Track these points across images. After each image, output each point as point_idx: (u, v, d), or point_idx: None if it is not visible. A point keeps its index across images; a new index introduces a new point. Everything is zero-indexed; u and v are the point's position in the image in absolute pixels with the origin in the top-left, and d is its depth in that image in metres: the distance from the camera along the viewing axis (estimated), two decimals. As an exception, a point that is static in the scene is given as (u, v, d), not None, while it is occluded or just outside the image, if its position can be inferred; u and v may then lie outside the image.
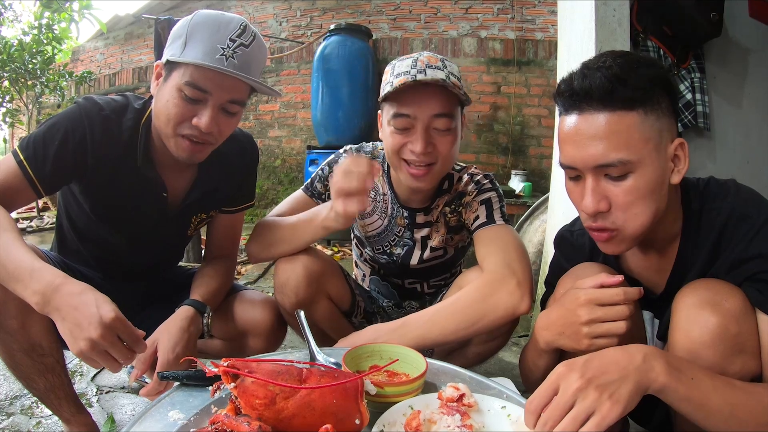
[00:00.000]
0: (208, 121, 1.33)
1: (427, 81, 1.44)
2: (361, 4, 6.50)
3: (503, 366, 2.41)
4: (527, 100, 5.94)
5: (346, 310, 1.76)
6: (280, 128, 6.90)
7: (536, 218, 3.64)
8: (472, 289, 1.45)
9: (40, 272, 1.12)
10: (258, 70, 1.40)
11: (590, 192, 1.10)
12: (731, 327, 1.00)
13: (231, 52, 1.30)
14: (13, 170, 1.32)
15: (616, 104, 1.05)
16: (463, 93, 1.50)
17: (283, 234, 1.59)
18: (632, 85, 1.05)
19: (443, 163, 1.56)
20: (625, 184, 1.08)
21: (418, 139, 1.48)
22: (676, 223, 1.20)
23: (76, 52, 8.78)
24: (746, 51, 2.67)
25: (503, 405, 1.07)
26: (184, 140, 1.36)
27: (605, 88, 1.05)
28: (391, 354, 1.25)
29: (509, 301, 1.40)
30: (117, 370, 1.14)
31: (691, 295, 1.07)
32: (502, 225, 1.61)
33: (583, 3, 2.32)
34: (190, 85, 1.30)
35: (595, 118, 1.07)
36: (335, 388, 0.91)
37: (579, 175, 1.14)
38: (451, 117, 1.51)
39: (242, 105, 1.41)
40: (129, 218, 1.53)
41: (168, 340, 1.34)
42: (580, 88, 1.09)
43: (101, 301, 1.10)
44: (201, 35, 1.30)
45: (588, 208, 1.11)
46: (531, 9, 5.95)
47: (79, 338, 1.06)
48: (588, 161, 1.08)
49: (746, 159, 2.69)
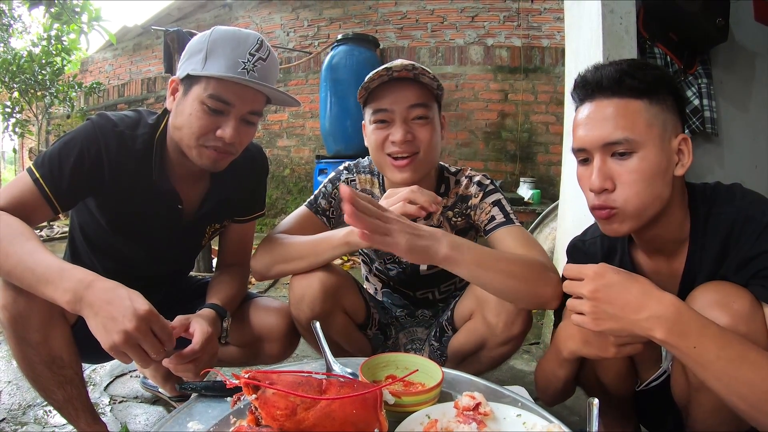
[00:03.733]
0: (231, 132, 1.37)
1: (398, 70, 1.54)
2: (368, 14, 6.54)
3: (515, 374, 2.41)
4: (534, 107, 5.95)
5: (360, 323, 1.77)
6: (288, 138, 6.93)
7: (546, 226, 3.64)
8: (535, 260, 1.43)
9: (70, 272, 1.15)
10: (274, 82, 1.45)
11: (597, 170, 1.18)
12: (741, 327, 1.04)
13: (251, 66, 1.36)
14: (29, 188, 1.33)
15: (623, 92, 1.17)
16: (436, 84, 1.60)
17: (300, 250, 1.59)
18: (639, 78, 1.16)
19: (425, 152, 1.60)
20: (630, 163, 1.16)
21: (398, 129, 1.57)
22: (684, 228, 1.24)
23: (85, 63, 8.86)
24: (752, 55, 2.67)
25: (518, 413, 1.08)
26: (209, 150, 1.40)
27: (614, 78, 1.17)
28: (407, 363, 1.26)
29: (548, 291, 1.38)
30: (148, 365, 1.16)
31: (701, 297, 1.10)
32: (520, 227, 1.64)
33: (590, 12, 2.34)
34: (214, 97, 1.34)
35: (604, 104, 1.18)
36: (355, 399, 0.92)
37: (587, 158, 1.23)
38: (426, 107, 1.60)
39: (260, 115, 1.46)
40: (145, 231, 1.55)
41: (201, 325, 1.34)
42: (592, 79, 1.21)
43: (134, 296, 1.13)
44: (222, 50, 1.35)
45: (594, 185, 1.18)
46: (537, 16, 5.97)
47: (113, 331, 1.08)
48: (596, 140, 1.18)
49: (755, 163, 2.68)
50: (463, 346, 1.70)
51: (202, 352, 1.29)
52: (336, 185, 1.80)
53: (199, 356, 1.29)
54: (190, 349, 1.27)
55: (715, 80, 2.61)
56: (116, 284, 1.15)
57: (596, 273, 1.08)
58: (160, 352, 1.15)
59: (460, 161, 5.99)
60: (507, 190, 5.51)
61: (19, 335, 1.27)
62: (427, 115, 1.60)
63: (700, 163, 2.63)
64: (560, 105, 3.19)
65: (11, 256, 1.17)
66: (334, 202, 1.79)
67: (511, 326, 1.55)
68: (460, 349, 1.71)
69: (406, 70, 1.54)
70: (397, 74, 1.55)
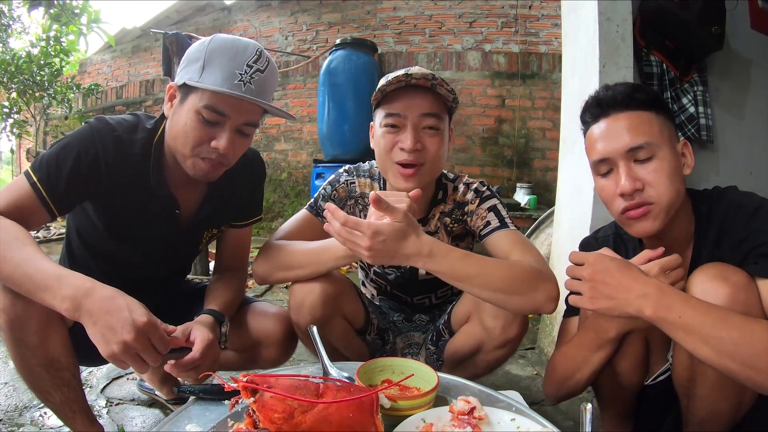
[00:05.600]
0: (226, 143, 1.37)
1: (417, 78, 1.54)
2: (367, 19, 6.57)
3: (510, 378, 2.42)
4: (532, 112, 5.98)
5: (360, 328, 1.78)
6: (286, 142, 6.95)
7: (542, 231, 3.65)
8: (526, 267, 1.44)
9: (68, 278, 1.15)
10: (272, 93, 1.46)
11: (625, 175, 1.29)
12: (740, 295, 1.14)
13: (248, 78, 1.34)
14: (26, 191, 1.33)
15: (636, 105, 1.32)
16: (452, 97, 1.60)
17: (302, 259, 1.59)
18: (646, 92, 1.33)
19: (432, 164, 1.60)
20: (652, 165, 1.29)
21: (408, 136, 1.56)
22: (690, 226, 1.38)
23: (84, 65, 8.85)
24: (748, 63, 2.68)
25: (512, 417, 1.09)
26: (202, 161, 1.40)
27: (627, 94, 1.33)
28: (403, 368, 1.27)
29: (540, 297, 1.40)
30: (145, 371, 1.17)
31: (702, 274, 1.21)
32: (516, 230, 1.65)
33: (587, 19, 2.35)
34: (209, 108, 1.34)
35: (621, 117, 1.32)
36: (351, 402, 0.93)
37: (611, 169, 1.34)
38: (438, 118, 1.60)
39: (256, 126, 1.46)
40: (142, 235, 1.55)
41: (202, 332, 1.35)
42: (605, 97, 1.36)
43: (133, 305, 1.13)
44: (219, 60, 1.34)
45: (626, 188, 1.28)
46: (535, 22, 6.00)
47: (112, 341, 1.09)
48: (620, 148, 1.30)
49: (749, 170, 2.69)
50: (459, 350, 1.71)
51: (203, 359, 1.29)
52: (335, 187, 1.81)
53: (201, 363, 1.30)
54: (191, 358, 1.27)
55: (711, 88, 2.62)
56: (115, 292, 1.15)
57: (595, 259, 1.22)
58: (157, 361, 1.16)
59: (457, 167, 6.01)
60: (504, 196, 5.53)
61: (17, 338, 1.27)
62: (439, 126, 1.59)
63: (696, 170, 2.60)
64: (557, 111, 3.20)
65: (8, 261, 1.17)
66: (333, 203, 1.79)
67: (508, 329, 1.57)
68: (457, 352, 1.72)
69: (425, 79, 1.54)
70: (415, 81, 1.55)
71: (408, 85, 1.57)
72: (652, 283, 1.14)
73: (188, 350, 1.29)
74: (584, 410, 1.02)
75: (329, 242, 1.53)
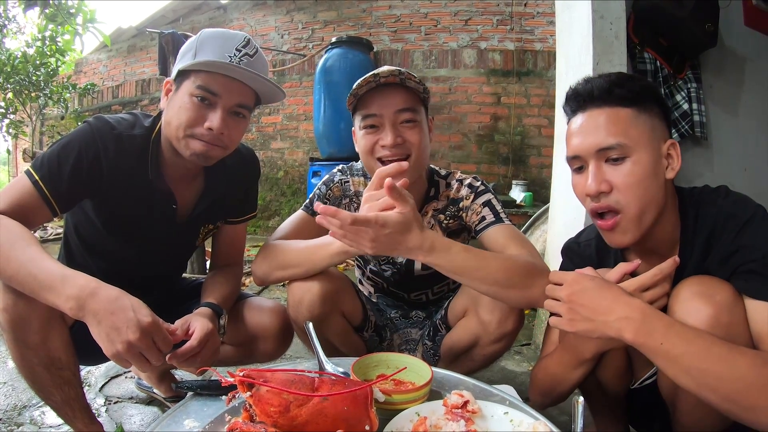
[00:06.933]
0: (219, 122, 1.39)
1: (385, 76, 1.57)
2: (362, 17, 6.57)
3: (506, 374, 2.44)
4: (527, 110, 6.00)
5: (357, 325, 1.79)
6: (282, 140, 6.95)
7: (537, 228, 3.67)
8: (522, 261, 1.45)
9: (72, 278, 1.16)
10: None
11: (593, 175, 1.23)
12: (723, 317, 1.08)
13: (237, 60, 1.39)
14: (28, 190, 1.34)
15: (613, 101, 1.23)
16: (422, 88, 1.63)
17: (297, 257, 1.60)
18: (627, 88, 1.23)
19: (417, 154, 1.62)
20: (624, 167, 1.21)
21: (387, 133, 1.59)
22: (675, 230, 1.29)
23: (80, 64, 8.85)
24: (742, 60, 2.69)
25: (506, 411, 1.10)
26: (196, 140, 1.41)
27: (604, 88, 1.24)
28: (398, 363, 1.28)
29: (535, 291, 1.39)
30: (147, 371, 1.18)
31: (685, 290, 1.15)
32: (511, 225, 1.66)
33: (581, 16, 2.36)
34: (201, 88, 1.38)
35: (596, 113, 1.24)
36: (346, 396, 0.95)
37: (582, 165, 1.27)
38: (413, 111, 1.63)
39: (249, 110, 1.49)
40: (140, 231, 1.57)
41: (201, 322, 1.38)
42: (583, 90, 1.28)
43: (137, 306, 1.16)
44: (210, 46, 1.39)
45: (591, 188, 1.22)
46: (530, 20, 6.01)
47: (116, 341, 1.11)
48: (591, 146, 1.23)
49: (743, 167, 2.70)
50: (456, 344, 1.73)
51: (201, 347, 1.32)
52: (330, 186, 1.84)
53: (200, 352, 1.32)
54: (189, 346, 1.29)
55: (705, 84, 2.64)
56: (119, 293, 1.17)
57: (573, 279, 1.19)
58: (160, 360, 1.18)
59: (453, 164, 6.02)
60: (499, 193, 5.53)
61: (18, 337, 1.29)
62: (415, 118, 1.62)
63: (690, 166, 2.65)
64: (552, 108, 3.22)
65: (12, 261, 1.18)
66: (328, 203, 1.81)
67: (505, 323, 1.58)
68: (454, 346, 1.74)
69: (393, 76, 1.57)
70: (384, 80, 1.58)
71: (378, 85, 1.60)
72: (635, 305, 1.09)
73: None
74: (577, 404, 1.03)
75: (323, 240, 1.55)
